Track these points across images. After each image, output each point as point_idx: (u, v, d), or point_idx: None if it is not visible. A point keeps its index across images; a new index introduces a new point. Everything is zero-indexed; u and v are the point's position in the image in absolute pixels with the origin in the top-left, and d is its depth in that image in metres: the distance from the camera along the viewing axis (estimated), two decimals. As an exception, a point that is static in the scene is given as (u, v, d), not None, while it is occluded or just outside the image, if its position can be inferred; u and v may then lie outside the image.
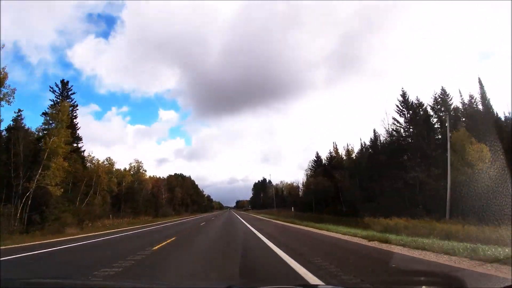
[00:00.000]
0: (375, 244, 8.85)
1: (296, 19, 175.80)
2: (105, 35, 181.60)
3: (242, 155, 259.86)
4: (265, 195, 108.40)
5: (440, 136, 31.39)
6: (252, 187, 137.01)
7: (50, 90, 30.08)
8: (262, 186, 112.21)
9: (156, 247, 9.62)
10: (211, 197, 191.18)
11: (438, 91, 32.97)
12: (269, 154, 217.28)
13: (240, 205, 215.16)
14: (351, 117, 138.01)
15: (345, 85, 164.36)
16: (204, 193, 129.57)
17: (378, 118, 60.07)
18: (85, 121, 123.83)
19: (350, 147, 50.81)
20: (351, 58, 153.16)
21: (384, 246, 8.28)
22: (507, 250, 5.68)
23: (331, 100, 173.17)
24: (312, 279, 4.70)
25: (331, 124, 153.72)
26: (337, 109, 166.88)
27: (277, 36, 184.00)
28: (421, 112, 33.85)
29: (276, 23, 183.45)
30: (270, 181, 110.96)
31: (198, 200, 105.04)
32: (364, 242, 9.49)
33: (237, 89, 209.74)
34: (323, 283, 4.39)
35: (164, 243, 10.77)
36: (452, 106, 32.37)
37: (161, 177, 73.35)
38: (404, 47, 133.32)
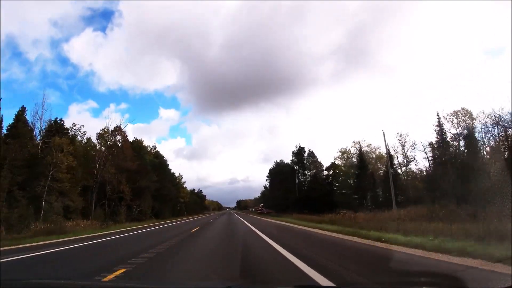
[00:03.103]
0: None
1: (301, 11, 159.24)
2: (103, 28, 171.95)
3: (243, 155, 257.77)
4: (303, 183, 52.51)
5: None
6: (267, 174, 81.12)
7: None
8: (294, 167, 55.87)
9: None
10: (203, 193, 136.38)
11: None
12: (271, 154, 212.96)
13: (242, 206, 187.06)
14: (356, 116, 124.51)
15: (353, 81, 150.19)
16: (183, 182, 73.54)
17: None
18: (82, 118, 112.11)
19: None
20: (359, 53, 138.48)
21: None
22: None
23: (337, 97, 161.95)
24: None
25: (336, 123, 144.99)
26: (343, 107, 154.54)
27: (282, 29, 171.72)
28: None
29: (280, 15, 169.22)
30: (312, 153, 54.79)
31: (164, 193, 49.17)
32: None
33: (239, 84, 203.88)
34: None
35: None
36: None
37: None
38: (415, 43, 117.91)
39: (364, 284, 4.20)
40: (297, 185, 53.11)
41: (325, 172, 47.84)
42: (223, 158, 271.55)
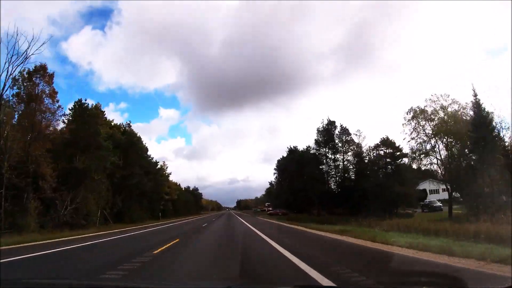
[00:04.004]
0: None
1: (303, 9, 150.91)
2: (102, 27, 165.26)
3: (243, 155, 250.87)
4: (333, 171, 36.77)
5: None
6: (275, 166, 66.12)
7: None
8: (320, 149, 39.88)
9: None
10: (200, 191, 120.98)
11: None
12: (271, 154, 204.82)
13: (242, 206, 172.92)
14: (360, 114, 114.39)
15: (355, 80, 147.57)
16: (168, 174, 57.61)
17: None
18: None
19: None
20: (362, 51, 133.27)
21: None
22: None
23: (340, 96, 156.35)
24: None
25: (340, 121, 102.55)
26: (346, 105, 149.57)
27: (283, 27, 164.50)
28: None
29: (281, 13, 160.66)
30: (346, 130, 38.61)
31: (131, 183, 33.61)
32: None
33: (239, 82, 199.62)
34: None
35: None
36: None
37: None
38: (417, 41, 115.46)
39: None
40: (326, 174, 37.38)
41: (373, 153, 32.08)
42: (223, 158, 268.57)
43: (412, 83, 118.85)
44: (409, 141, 25.73)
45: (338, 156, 37.23)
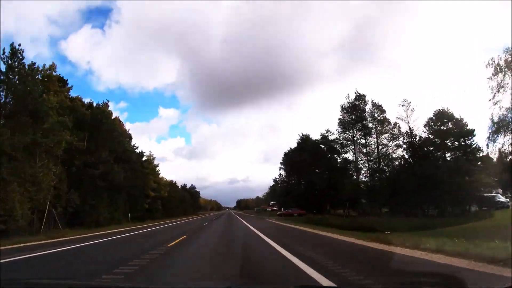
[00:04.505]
0: None
1: (304, 6, 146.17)
2: (101, 25, 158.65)
3: (243, 155, 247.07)
4: (364, 158, 28.38)
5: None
6: (282, 158, 58.71)
7: None
8: (347, 132, 31.27)
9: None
10: (198, 190, 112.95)
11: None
12: (271, 154, 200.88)
13: (243, 205, 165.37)
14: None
15: (357, 78, 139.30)
16: (155, 165, 49.37)
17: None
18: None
19: None
20: (364, 49, 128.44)
21: None
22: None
23: (340, 95, 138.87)
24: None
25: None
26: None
27: (284, 25, 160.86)
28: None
29: (283, 10, 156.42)
30: (379, 106, 30.06)
31: (93, 172, 25.27)
32: None
33: (240, 81, 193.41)
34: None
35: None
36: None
37: None
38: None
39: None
40: (354, 163, 28.99)
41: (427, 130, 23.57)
42: (223, 158, 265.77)
43: (412, 82, 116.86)
44: (491, 107, 17.51)
45: (370, 139, 28.84)
